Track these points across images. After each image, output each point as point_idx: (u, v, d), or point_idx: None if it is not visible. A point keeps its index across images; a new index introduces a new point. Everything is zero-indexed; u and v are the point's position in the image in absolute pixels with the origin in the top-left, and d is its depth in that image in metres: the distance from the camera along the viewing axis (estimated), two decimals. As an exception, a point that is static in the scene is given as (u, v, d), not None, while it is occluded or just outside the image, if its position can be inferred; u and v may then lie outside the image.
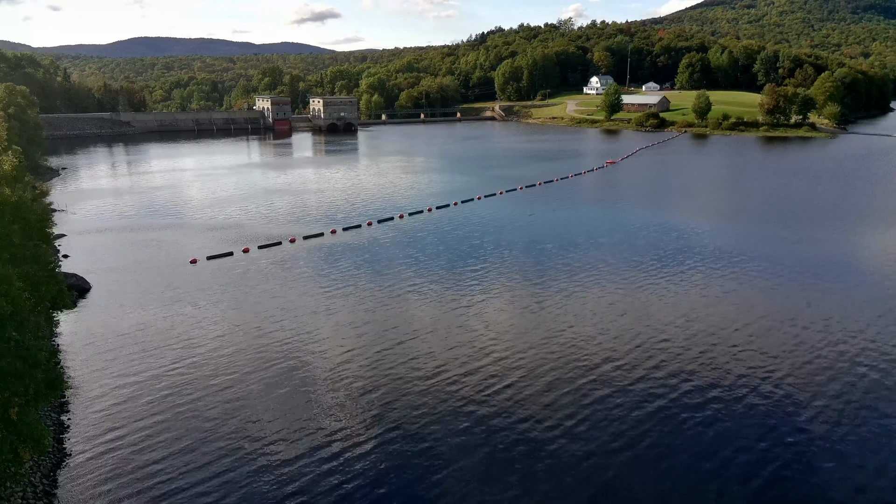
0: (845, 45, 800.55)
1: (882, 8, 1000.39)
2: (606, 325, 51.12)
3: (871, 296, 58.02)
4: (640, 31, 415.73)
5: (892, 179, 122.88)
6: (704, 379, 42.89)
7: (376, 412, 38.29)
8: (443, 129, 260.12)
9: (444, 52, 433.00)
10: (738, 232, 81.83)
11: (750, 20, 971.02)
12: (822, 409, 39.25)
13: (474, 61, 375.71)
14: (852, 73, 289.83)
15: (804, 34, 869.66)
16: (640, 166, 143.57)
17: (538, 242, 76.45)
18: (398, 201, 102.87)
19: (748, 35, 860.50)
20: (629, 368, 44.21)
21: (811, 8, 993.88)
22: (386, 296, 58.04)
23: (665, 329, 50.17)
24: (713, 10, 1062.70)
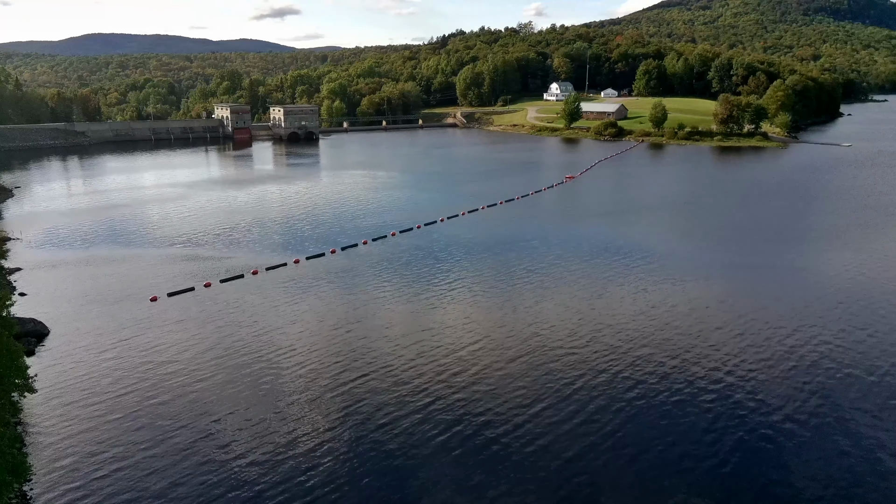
0: (797, 47, 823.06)
1: (832, 10, 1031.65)
2: (571, 336, 52.84)
3: (816, 302, 60.92)
4: (598, 37, 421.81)
5: (840, 196, 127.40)
6: (664, 380, 49.28)
7: (349, 433, 39.36)
8: (405, 137, 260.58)
9: (406, 55, 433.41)
10: (691, 251, 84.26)
11: (705, 21, 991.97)
12: (778, 402, 44.64)
13: (436, 66, 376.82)
14: (803, 79, 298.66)
15: (758, 36, 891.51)
16: (599, 182, 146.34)
17: (504, 267, 77.86)
18: (361, 225, 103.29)
19: (704, 36, 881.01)
20: (594, 372, 49.67)
21: (764, 10, 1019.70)
22: (354, 332, 58.73)
23: (625, 336, 52.15)
24: (669, 12, 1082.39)
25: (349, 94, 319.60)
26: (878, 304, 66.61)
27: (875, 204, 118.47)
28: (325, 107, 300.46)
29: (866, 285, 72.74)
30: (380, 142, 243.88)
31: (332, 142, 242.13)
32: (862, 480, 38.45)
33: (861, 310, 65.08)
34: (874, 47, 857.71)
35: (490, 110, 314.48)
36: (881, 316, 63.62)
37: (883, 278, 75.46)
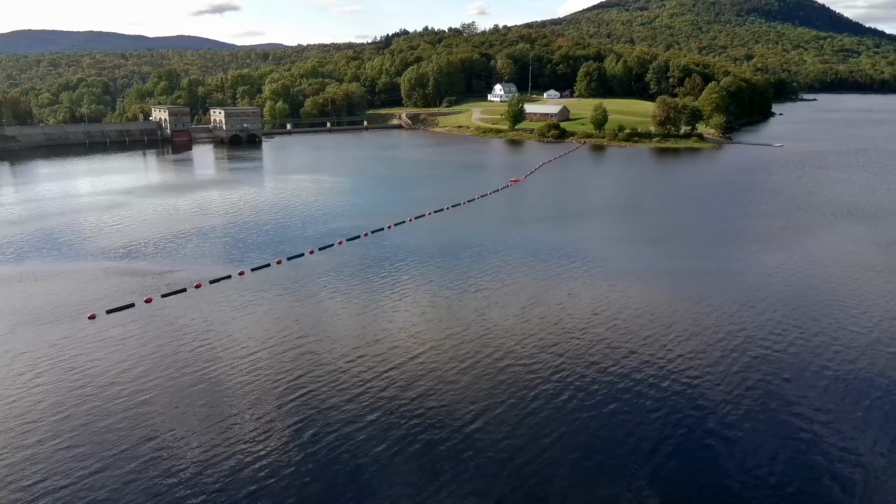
0: (731, 48, 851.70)
1: (764, 11, 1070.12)
2: (519, 341, 53.79)
3: (751, 304, 63.54)
4: (540, 38, 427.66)
5: (773, 197, 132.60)
6: (608, 381, 52.77)
7: (301, 435, 39.29)
8: (350, 139, 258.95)
9: (350, 55, 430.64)
10: (633, 255, 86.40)
11: (643, 22, 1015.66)
12: (717, 401, 47.54)
13: (380, 66, 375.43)
14: (737, 81, 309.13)
15: (693, 36, 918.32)
16: (543, 185, 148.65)
17: (452, 274, 78.39)
18: (308, 233, 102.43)
19: (642, 37, 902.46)
20: (541, 376, 52.63)
21: (699, 11, 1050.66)
22: (303, 346, 58.29)
23: (571, 340, 53.40)
24: (608, 13, 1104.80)
25: (292, 94, 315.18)
26: (809, 305, 69.86)
27: (805, 205, 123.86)
28: (268, 108, 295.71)
29: (798, 287, 76.14)
30: (325, 144, 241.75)
31: (275, 144, 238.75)
32: (796, 472, 40.62)
33: (793, 311, 68.12)
34: (803, 47, 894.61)
35: (435, 111, 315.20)
36: (811, 317, 66.71)
37: (813, 280, 79.15)
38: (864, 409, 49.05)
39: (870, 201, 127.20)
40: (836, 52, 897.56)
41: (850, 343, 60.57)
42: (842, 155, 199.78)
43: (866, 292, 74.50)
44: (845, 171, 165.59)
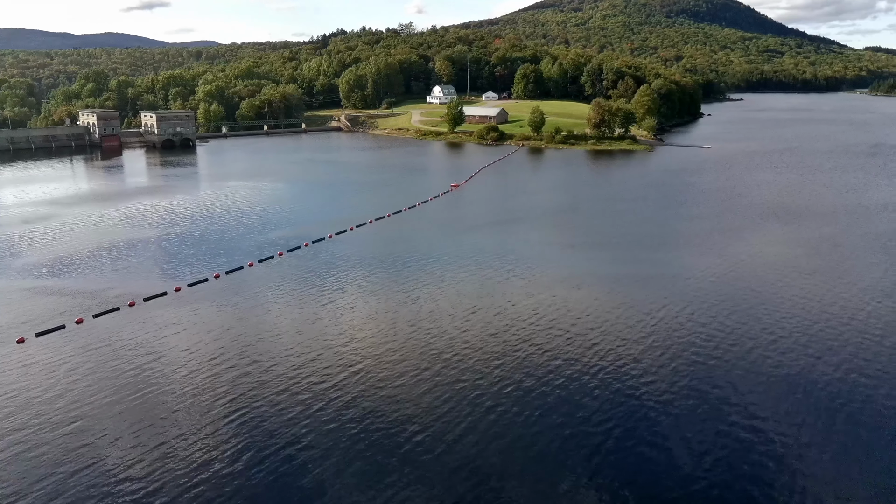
0: (661, 48, 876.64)
1: (692, 12, 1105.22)
2: (461, 351, 54.46)
3: (685, 307, 65.97)
4: (478, 40, 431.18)
5: (703, 200, 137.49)
6: (549, 382, 55.55)
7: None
8: (288, 142, 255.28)
9: (286, 56, 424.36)
10: (572, 259, 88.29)
11: (577, 23, 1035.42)
12: (652, 398, 47.95)
13: (317, 67, 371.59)
14: (667, 83, 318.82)
15: (626, 37, 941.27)
16: (483, 189, 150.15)
17: (395, 285, 78.47)
18: (246, 244, 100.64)
19: (576, 38, 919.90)
20: (482, 378, 52.93)
21: (631, 12, 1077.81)
22: (243, 367, 57.37)
23: (513, 343, 54.39)
24: (544, 13, 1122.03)
25: (227, 96, 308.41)
26: (740, 309, 72.82)
27: (734, 206, 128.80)
28: (202, 110, 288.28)
29: (729, 291, 79.21)
30: (262, 148, 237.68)
31: (210, 149, 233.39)
32: (729, 468, 42.60)
33: (724, 314, 70.91)
34: (730, 48, 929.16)
35: (374, 113, 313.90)
36: (741, 321, 69.57)
37: (743, 283, 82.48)
38: (791, 405, 51.73)
39: (794, 202, 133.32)
40: (760, 53, 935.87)
41: (778, 344, 63.53)
42: (768, 155, 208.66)
43: (792, 294, 78.16)
44: (771, 173, 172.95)
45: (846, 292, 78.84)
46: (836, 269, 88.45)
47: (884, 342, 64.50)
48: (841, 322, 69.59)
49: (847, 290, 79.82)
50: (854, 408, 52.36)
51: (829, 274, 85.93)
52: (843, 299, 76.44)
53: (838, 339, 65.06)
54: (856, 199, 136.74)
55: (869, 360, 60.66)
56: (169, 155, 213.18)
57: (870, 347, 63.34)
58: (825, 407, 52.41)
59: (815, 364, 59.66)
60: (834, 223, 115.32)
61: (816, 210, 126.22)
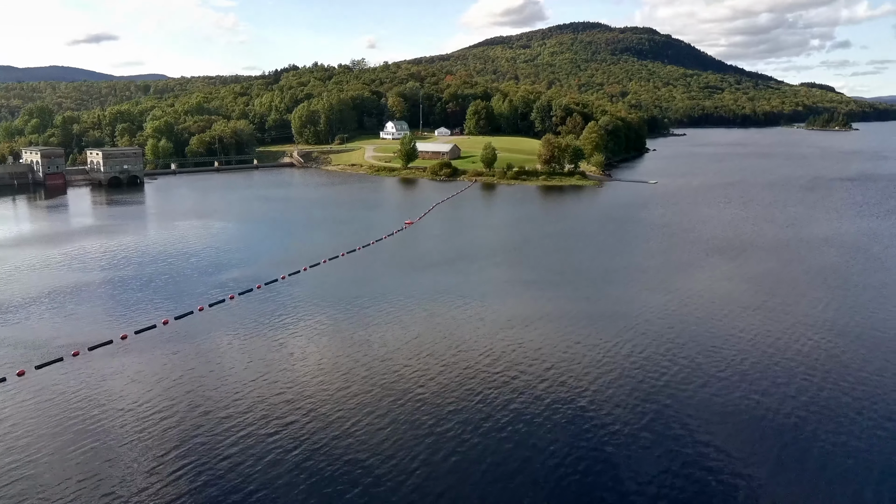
0: (607, 84, 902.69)
1: (636, 50, 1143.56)
2: (416, 390, 54.13)
3: (635, 347, 67.04)
4: (429, 76, 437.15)
5: (651, 235, 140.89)
6: (501, 416, 56.42)
7: None
8: (240, 179, 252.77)
9: (237, 91, 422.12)
10: (524, 297, 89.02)
11: (526, 59, 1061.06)
12: (607, 432, 49.20)
13: (269, 103, 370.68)
14: (614, 120, 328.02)
15: (573, 73, 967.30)
16: (437, 226, 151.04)
17: (350, 329, 77.72)
18: (196, 286, 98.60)
19: (526, 74, 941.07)
20: (438, 419, 51.88)
21: (577, 50, 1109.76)
22: (194, 421, 55.74)
23: (469, 383, 54.38)
24: (493, 49, 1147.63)
25: (176, 132, 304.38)
26: (690, 345, 74.33)
27: (681, 242, 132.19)
28: (150, 146, 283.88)
29: (679, 327, 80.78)
30: (213, 185, 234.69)
31: (158, 186, 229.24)
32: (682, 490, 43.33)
33: (675, 350, 72.29)
34: (673, 84, 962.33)
35: (327, 149, 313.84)
36: (691, 357, 71.03)
37: (691, 319, 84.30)
38: (741, 439, 52.88)
39: (738, 237, 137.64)
40: (701, 89, 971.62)
41: (727, 380, 64.94)
42: (711, 189, 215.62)
43: (740, 330, 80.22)
44: (715, 207, 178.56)
45: (790, 328, 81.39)
46: (780, 304, 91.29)
47: (828, 377, 66.62)
48: (786, 357, 71.70)
49: (791, 325, 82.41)
50: (803, 440, 53.93)
51: (774, 310, 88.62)
52: (787, 335, 78.85)
53: (785, 375, 66.94)
54: (796, 234, 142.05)
55: (815, 394, 62.54)
56: (115, 193, 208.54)
57: (815, 382, 65.32)
58: (775, 441, 53.81)
59: (764, 399, 61.18)
60: (776, 258, 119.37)
61: (759, 245, 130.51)
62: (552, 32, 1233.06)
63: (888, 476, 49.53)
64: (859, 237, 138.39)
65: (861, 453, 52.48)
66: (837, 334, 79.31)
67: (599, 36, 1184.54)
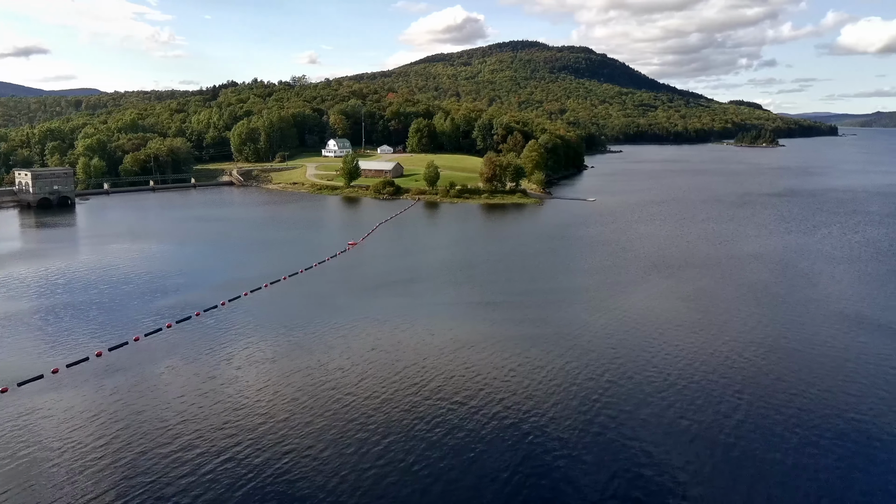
0: (546, 102, 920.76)
1: (573, 69, 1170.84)
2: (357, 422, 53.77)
3: (577, 368, 68.35)
4: (371, 94, 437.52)
5: (591, 254, 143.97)
6: (448, 435, 53.65)
7: None
8: (176, 198, 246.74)
9: (174, 107, 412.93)
10: (466, 318, 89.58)
11: (467, 77, 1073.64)
12: (555, 446, 47.74)
13: (207, 120, 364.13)
14: (553, 138, 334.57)
15: (513, 91, 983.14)
16: (381, 247, 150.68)
17: (295, 358, 76.61)
18: (131, 315, 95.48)
19: (467, 91, 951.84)
20: (386, 446, 51.25)
21: (517, 68, 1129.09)
22: (130, 456, 53.87)
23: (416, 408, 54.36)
24: (435, 66, 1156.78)
25: (110, 150, 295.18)
26: (629, 364, 76.18)
27: (620, 261, 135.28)
28: (82, 165, 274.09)
29: (619, 346, 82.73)
30: (148, 205, 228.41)
31: (91, 207, 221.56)
32: None
33: (616, 369, 73.98)
34: (609, 102, 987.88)
35: (268, 167, 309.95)
36: (630, 377, 72.80)
37: (631, 338, 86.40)
38: (679, 454, 54.44)
39: (673, 255, 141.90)
40: (636, 107, 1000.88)
41: (666, 397, 66.83)
42: (647, 206, 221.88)
43: (676, 348, 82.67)
44: (651, 225, 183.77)
45: (724, 345, 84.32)
46: (715, 322, 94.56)
47: (759, 394, 69.26)
48: (720, 375, 74.22)
49: (724, 343, 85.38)
50: (736, 455, 56.06)
51: (708, 328, 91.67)
52: (721, 352, 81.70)
53: (718, 392, 69.25)
54: (728, 251, 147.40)
55: (747, 410, 64.93)
56: (45, 215, 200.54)
57: (746, 399, 67.81)
58: (711, 456, 55.92)
59: (699, 416, 63.20)
60: (710, 275, 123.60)
61: (694, 262, 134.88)
62: (492, 50, 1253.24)
63: (814, 488, 51.79)
64: (787, 253, 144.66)
65: (791, 468, 54.73)
66: (768, 351, 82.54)
67: (538, 54, 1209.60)
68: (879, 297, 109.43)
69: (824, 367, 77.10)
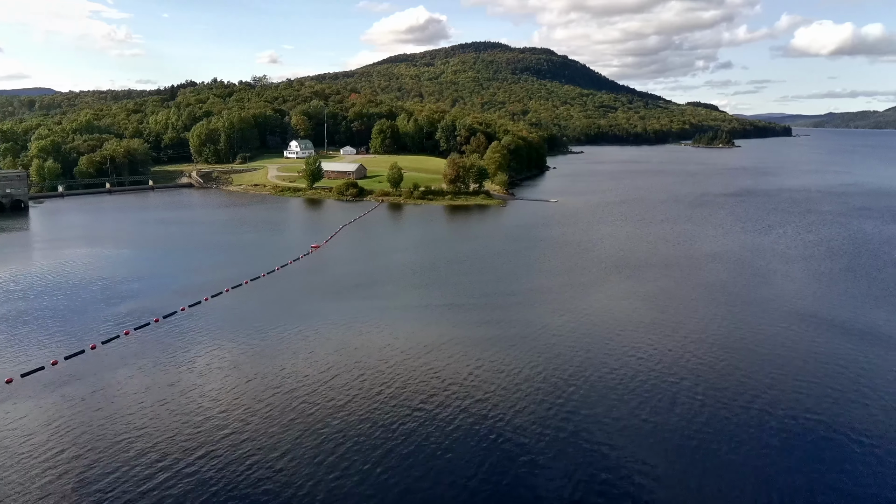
0: (509, 103, 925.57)
1: (535, 70, 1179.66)
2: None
3: (539, 370, 69.17)
4: (334, 94, 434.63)
5: (553, 254, 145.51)
6: (409, 439, 53.16)
7: None
8: (134, 201, 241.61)
9: (131, 108, 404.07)
10: (430, 321, 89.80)
11: (430, 77, 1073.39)
12: (517, 447, 47.99)
13: (165, 121, 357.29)
14: (515, 139, 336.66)
15: (476, 92, 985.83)
16: (344, 250, 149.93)
17: (255, 365, 75.86)
18: (88, 321, 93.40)
19: (430, 91, 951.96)
20: (348, 445, 49.50)
21: (480, 69, 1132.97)
22: (87, 465, 52.79)
23: (379, 408, 54.36)
24: (398, 67, 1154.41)
25: (64, 152, 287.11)
26: (590, 365, 77.31)
27: (582, 262, 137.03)
28: (35, 167, 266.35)
29: (580, 347, 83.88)
30: (105, 208, 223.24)
31: (45, 210, 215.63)
32: None
33: (577, 370, 74.98)
34: (570, 103, 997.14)
35: (229, 168, 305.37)
36: (591, 377, 73.90)
37: (592, 339, 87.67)
38: (640, 451, 55.53)
39: (634, 255, 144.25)
40: (597, 108, 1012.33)
41: (628, 398, 68.06)
42: (608, 207, 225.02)
43: (637, 347, 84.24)
44: (612, 225, 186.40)
45: (682, 345, 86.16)
46: (674, 321, 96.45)
47: (716, 393, 70.99)
48: (678, 374, 75.88)
49: (683, 342, 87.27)
50: (693, 453, 57.49)
51: (668, 328, 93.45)
52: (679, 352, 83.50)
53: (676, 391, 70.80)
54: (686, 251, 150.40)
55: (703, 408, 66.51)
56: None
57: (704, 398, 69.44)
58: (670, 456, 57.14)
59: (657, 415, 64.53)
60: (669, 275, 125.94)
61: (653, 262, 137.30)
62: (455, 51, 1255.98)
63: (771, 486, 53.31)
64: (743, 253, 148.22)
65: (748, 466, 56.23)
66: (725, 350, 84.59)
67: (500, 55, 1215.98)
68: (832, 295, 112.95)
69: (780, 366, 79.28)
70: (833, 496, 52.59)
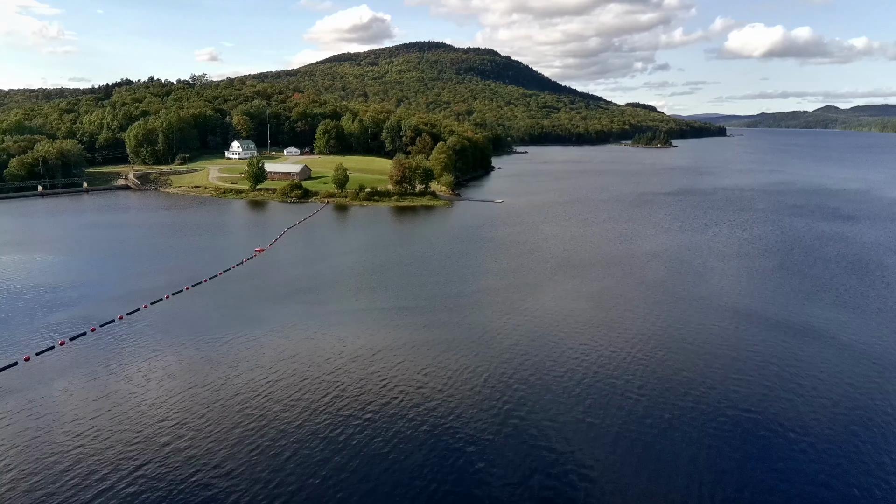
0: (454, 103, 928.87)
1: (479, 70, 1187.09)
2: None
3: (491, 373, 69.91)
4: (277, 94, 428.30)
5: (500, 255, 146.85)
6: (354, 440, 50.10)
7: None
8: (68, 204, 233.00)
9: (63, 107, 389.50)
10: (378, 325, 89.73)
11: (374, 77, 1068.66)
12: (469, 442, 48.59)
13: (100, 120, 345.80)
14: (461, 140, 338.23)
15: (421, 92, 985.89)
16: (289, 253, 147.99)
17: (196, 372, 74.23)
18: (20, 332, 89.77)
19: (374, 91, 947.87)
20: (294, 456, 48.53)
21: (424, 69, 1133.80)
22: (22, 493, 50.81)
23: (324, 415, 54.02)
24: (341, 66, 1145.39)
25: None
26: (539, 365, 78.45)
27: (528, 262, 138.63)
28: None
29: (527, 348, 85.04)
30: (36, 212, 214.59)
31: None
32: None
33: (523, 372, 76.02)
34: (514, 104, 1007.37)
35: (168, 169, 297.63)
36: (537, 379, 75.02)
37: (538, 339, 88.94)
38: (589, 449, 56.72)
39: (578, 255, 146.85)
40: (540, 108, 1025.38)
41: (575, 397, 69.35)
42: (552, 207, 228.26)
43: (583, 347, 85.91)
44: (556, 226, 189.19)
45: (626, 343, 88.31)
46: (617, 320, 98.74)
47: (657, 390, 73.01)
48: (624, 371, 77.75)
49: (625, 340, 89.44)
50: (636, 450, 58.85)
51: (612, 326, 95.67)
52: (624, 349, 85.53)
53: (623, 388, 72.54)
54: (628, 249, 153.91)
55: (649, 404, 68.33)
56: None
57: (647, 394, 71.35)
58: (615, 451, 58.38)
59: (602, 413, 65.97)
60: (612, 274, 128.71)
61: (596, 262, 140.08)
62: (399, 51, 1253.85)
63: (710, 477, 55.20)
64: (681, 251, 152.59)
65: (689, 459, 58.08)
66: (666, 347, 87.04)
67: (445, 55, 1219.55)
68: (766, 291, 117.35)
69: (717, 361, 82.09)
70: (760, 490, 54.77)
